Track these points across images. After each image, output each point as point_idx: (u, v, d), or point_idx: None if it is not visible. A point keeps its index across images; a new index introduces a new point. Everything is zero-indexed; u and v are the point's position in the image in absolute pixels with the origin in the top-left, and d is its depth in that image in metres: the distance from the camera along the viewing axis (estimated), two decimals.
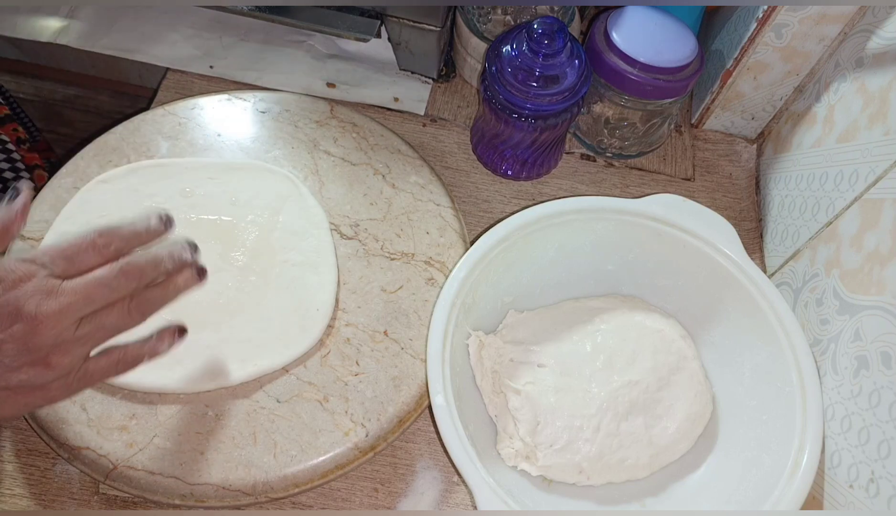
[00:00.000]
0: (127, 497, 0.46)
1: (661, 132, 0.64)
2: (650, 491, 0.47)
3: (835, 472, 0.43)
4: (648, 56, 0.56)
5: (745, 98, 0.64)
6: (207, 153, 0.55)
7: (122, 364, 0.38)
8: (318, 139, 0.57)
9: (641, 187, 0.65)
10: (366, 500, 0.48)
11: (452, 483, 0.49)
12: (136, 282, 0.37)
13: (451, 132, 0.66)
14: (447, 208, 0.55)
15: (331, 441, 0.44)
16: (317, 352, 0.48)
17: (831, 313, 0.47)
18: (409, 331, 0.49)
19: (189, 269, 0.40)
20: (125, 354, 0.38)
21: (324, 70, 0.68)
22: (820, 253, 0.51)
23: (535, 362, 0.49)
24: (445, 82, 0.68)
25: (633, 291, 0.54)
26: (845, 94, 0.54)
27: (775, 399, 0.46)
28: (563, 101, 0.55)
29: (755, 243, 0.63)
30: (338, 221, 0.53)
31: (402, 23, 0.61)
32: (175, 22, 0.69)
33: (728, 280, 0.50)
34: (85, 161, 0.54)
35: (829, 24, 0.56)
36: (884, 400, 0.40)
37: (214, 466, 0.43)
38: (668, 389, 0.49)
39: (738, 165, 0.67)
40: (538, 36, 0.53)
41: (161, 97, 0.65)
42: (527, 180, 0.63)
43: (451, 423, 0.42)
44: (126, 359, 0.38)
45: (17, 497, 0.46)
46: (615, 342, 0.51)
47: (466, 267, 0.48)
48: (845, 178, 0.50)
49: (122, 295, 0.37)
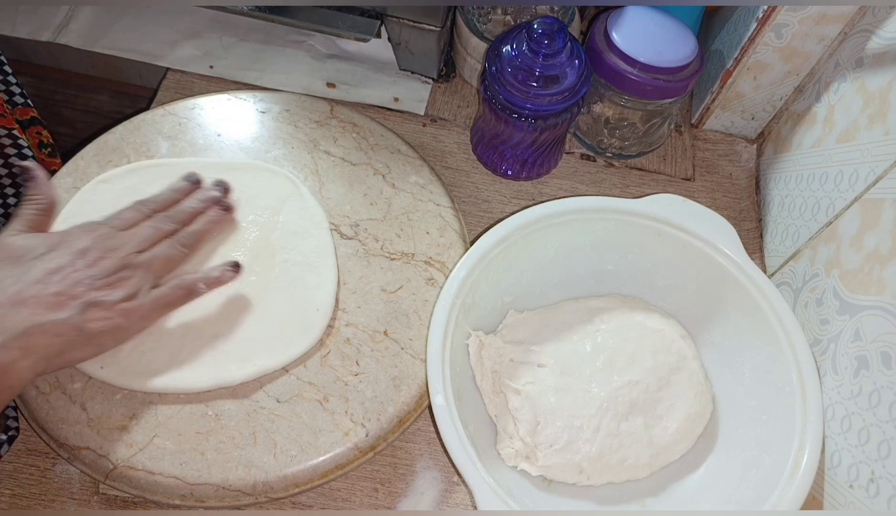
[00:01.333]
0: (127, 497, 0.46)
1: (661, 132, 0.64)
2: (650, 491, 0.47)
3: (835, 472, 0.43)
4: (648, 56, 0.56)
5: (745, 98, 0.64)
6: (207, 153, 0.55)
7: (181, 288, 0.44)
8: (318, 139, 0.57)
9: (641, 187, 0.65)
10: (366, 500, 0.48)
11: (452, 483, 0.49)
12: (173, 222, 0.46)
13: (451, 132, 0.66)
14: (447, 208, 0.55)
15: (331, 441, 0.44)
16: (317, 352, 0.48)
17: (831, 313, 0.47)
18: (409, 331, 0.49)
19: (216, 206, 0.48)
20: (183, 280, 0.44)
21: (324, 70, 0.68)
22: (820, 253, 0.51)
23: (535, 362, 0.49)
24: (445, 82, 0.68)
25: (633, 291, 0.54)
26: (845, 94, 0.54)
27: (775, 399, 0.46)
28: (563, 101, 0.55)
29: (755, 243, 0.63)
30: (338, 221, 0.53)
31: (402, 23, 0.61)
32: (175, 22, 0.69)
33: (728, 280, 0.50)
34: (85, 161, 0.54)
35: (829, 24, 0.56)
36: (884, 400, 0.40)
37: (214, 466, 0.43)
38: (668, 389, 0.49)
39: (738, 165, 0.67)
40: (538, 36, 0.53)
41: (161, 97, 0.65)
42: (527, 180, 0.64)
43: (451, 423, 0.42)
44: (183, 284, 0.44)
45: (17, 497, 0.46)
46: (615, 342, 0.51)
47: (466, 267, 0.48)
48: (845, 178, 0.50)
49: (165, 232, 0.45)
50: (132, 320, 0.42)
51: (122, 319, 0.41)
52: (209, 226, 0.47)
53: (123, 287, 0.41)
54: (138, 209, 0.46)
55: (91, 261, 0.41)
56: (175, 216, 0.46)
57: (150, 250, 0.44)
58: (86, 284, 0.40)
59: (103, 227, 0.44)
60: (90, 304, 0.40)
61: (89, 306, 0.39)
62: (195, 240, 0.46)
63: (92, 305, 0.40)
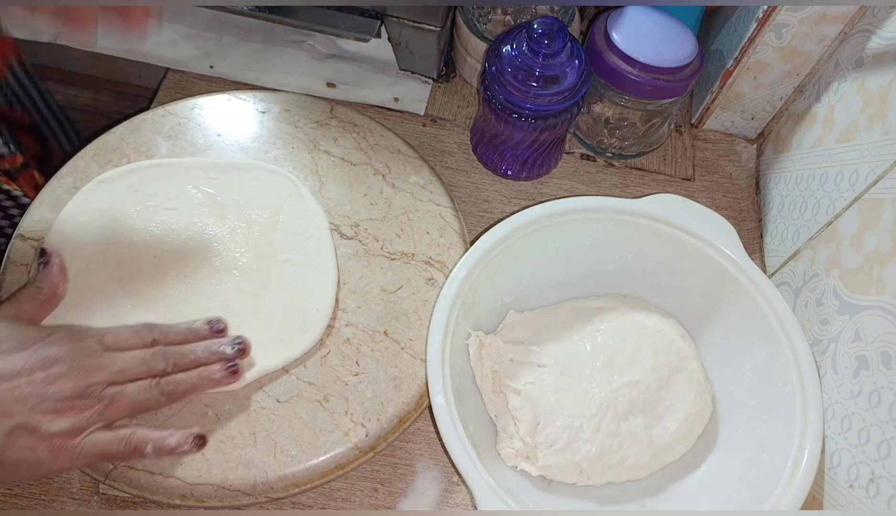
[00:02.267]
0: (127, 497, 0.46)
1: (661, 132, 0.64)
2: (650, 491, 0.47)
3: (835, 472, 0.43)
4: (648, 56, 0.56)
5: (745, 98, 0.64)
6: (207, 153, 0.55)
7: (127, 443, 0.38)
8: (318, 139, 0.57)
9: (641, 187, 0.65)
10: (366, 500, 0.48)
11: (452, 483, 0.49)
12: (164, 363, 0.40)
13: (451, 132, 0.66)
14: (447, 208, 0.55)
15: (331, 441, 0.44)
16: (317, 352, 0.48)
17: (831, 313, 0.47)
18: (409, 331, 0.49)
19: (221, 364, 0.42)
20: (133, 436, 0.39)
21: (324, 70, 0.68)
22: (820, 253, 0.51)
23: (535, 362, 0.49)
24: (445, 82, 0.68)
25: (633, 291, 0.54)
26: (845, 94, 0.54)
27: (775, 399, 0.46)
28: (563, 101, 0.55)
29: (755, 243, 0.63)
30: (338, 221, 0.53)
31: (402, 23, 0.61)
32: (175, 22, 0.69)
33: (728, 280, 0.50)
34: (85, 161, 0.54)
35: (829, 24, 0.56)
36: (884, 400, 0.40)
37: (214, 466, 0.43)
38: (668, 389, 0.49)
39: (738, 165, 0.67)
40: (538, 36, 0.53)
41: (161, 97, 0.65)
42: (527, 180, 0.64)
43: (451, 423, 0.42)
44: (131, 439, 0.38)
45: (17, 497, 0.46)
46: (615, 342, 0.51)
47: (466, 267, 0.48)
48: (845, 178, 0.50)
49: (151, 371, 0.40)
50: (58, 460, 0.37)
51: (47, 455, 0.36)
52: (203, 382, 0.41)
53: (69, 418, 0.37)
54: (139, 333, 0.42)
55: (52, 376, 0.37)
56: (173, 356, 0.41)
57: (123, 386, 0.39)
58: (30, 403, 0.36)
59: (90, 340, 0.40)
60: (21, 427, 0.35)
61: (19, 429, 0.35)
62: (180, 391, 0.41)
63: (23, 429, 0.35)
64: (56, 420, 0.36)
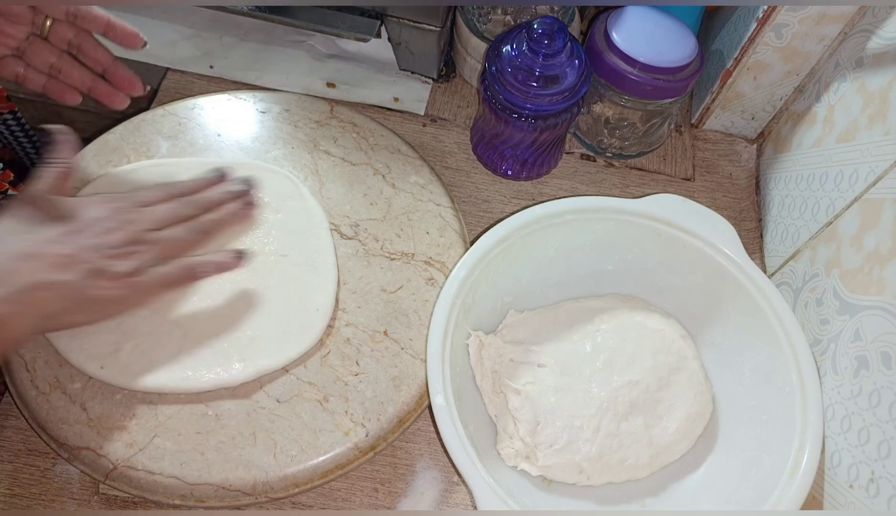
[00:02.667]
0: (127, 497, 0.46)
1: (661, 132, 0.64)
2: (650, 491, 0.47)
3: (835, 472, 0.43)
4: (648, 56, 0.56)
5: (745, 98, 0.64)
6: (207, 153, 0.55)
7: (184, 268, 0.44)
8: (318, 139, 0.57)
9: (641, 187, 0.65)
10: (366, 500, 0.48)
11: (452, 483, 0.49)
12: (192, 208, 0.46)
13: (451, 132, 0.66)
14: (447, 208, 0.55)
15: (331, 441, 0.44)
16: (317, 352, 0.48)
17: (831, 313, 0.47)
18: (409, 331, 0.49)
19: (238, 201, 0.48)
20: (187, 261, 0.44)
21: (324, 70, 0.68)
22: (820, 253, 0.51)
23: (535, 362, 0.49)
24: (445, 82, 0.68)
25: (633, 291, 0.54)
26: (845, 94, 0.54)
27: (775, 399, 0.46)
28: (563, 101, 0.55)
29: (755, 243, 0.63)
30: (338, 221, 0.53)
31: (402, 23, 0.61)
32: (175, 22, 0.69)
33: (728, 280, 0.50)
34: (85, 161, 0.54)
35: (829, 24, 0.56)
36: (884, 400, 0.40)
37: (214, 466, 0.43)
38: (668, 389, 0.49)
39: (738, 165, 0.67)
40: (538, 36, 0.53)
41: (161, 97, 0.65)
42: (527, 180, 0.64)
43: (451, 423, 0.42)
44: (187, 265, 0.44)
45: (17, 497, 0.46)
46: (615, 342, 0.51)
47: (466, 267, 0.48)
48: (845, 178, 0.50)
49: (183, 216, 0.45)
50: (133, 294, 0.42)
51: (125, 291, 0.41)
52: (228, 217, 0.47)
53: (131, 260, 0.41)
54: (160, 191, 0.46)
55: (104, 229, 0.42)
56: (196, 202, 0.46)
57: (164, 230, 0.44)
58: (96, 251, 0.40)
59: (122, 201, 0.44)
60: (97, 271, 0.40)
61: (95, 272, 0.40)
62: (211, 228, 0.46)
63: (98, 272, 0.40)
64: (121, 262, 0.41)
